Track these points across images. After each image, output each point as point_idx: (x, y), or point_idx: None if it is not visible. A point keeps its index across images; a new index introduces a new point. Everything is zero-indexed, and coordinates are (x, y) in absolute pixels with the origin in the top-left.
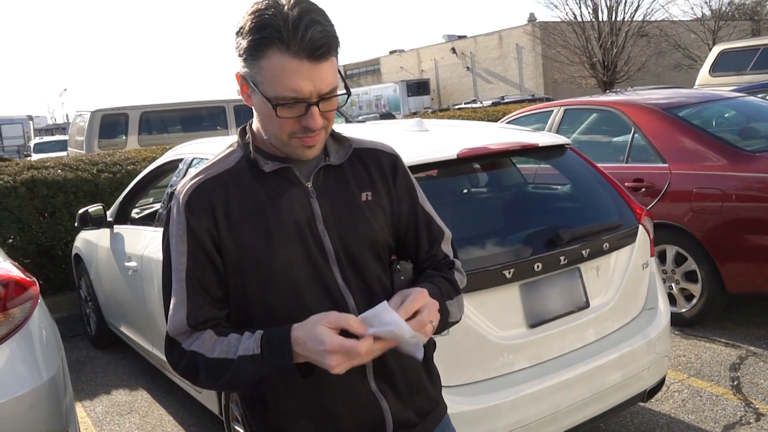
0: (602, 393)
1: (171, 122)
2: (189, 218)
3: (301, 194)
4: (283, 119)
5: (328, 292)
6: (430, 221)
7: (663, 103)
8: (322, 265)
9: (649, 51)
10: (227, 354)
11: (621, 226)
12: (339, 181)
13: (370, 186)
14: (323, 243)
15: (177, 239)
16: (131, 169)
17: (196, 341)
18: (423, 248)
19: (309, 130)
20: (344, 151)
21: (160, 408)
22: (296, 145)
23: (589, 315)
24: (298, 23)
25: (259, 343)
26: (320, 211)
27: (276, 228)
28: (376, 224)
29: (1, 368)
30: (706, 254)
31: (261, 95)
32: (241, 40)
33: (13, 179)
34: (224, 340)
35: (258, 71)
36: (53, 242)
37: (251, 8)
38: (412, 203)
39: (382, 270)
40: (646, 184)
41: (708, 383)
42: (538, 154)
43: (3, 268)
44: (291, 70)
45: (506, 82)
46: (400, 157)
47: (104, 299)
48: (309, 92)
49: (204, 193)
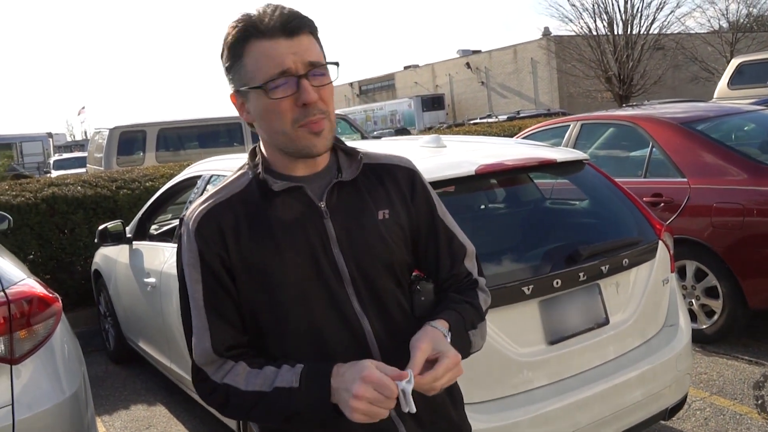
0: (622, 411)
1: (188, 139)
2: (200, 245)
3: (314, 215)
4: (279, 101)
5: (344, 317)
6: (452, 237)
7: (681, 117)
8: (337, 289)
9: (665, 64)
10: (262, 387)
11: (641, 241)
12: (354, 198)
13: (387, 203)
14: (337, 265)
15: (191, 268)
16: (149, 185)
17: (228, 374)
18: (444, 267)
19: (308, 108)
20: (355, 165)
21: (179, 423)
22: (304, 135)
23: (608, 332)
24: (267, 11)
25: (298, 377)
26: (334, 232)
27: (288, 251)
28: (393, 244)
29: (25, 383)
30: (727, 270)
31: (253, 91)
32: (225, 57)
33: (34, 196)
34: (259, 372)
35: (243, 70)
36: (73, 258)
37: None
38: (432, 219)
39: (401, 291)
40: (664, 198)
41: (731, 401)
42: (556, 169)
43: (26, 285)
44: (270, 49)
45: (521, 96)
46: (418, 170)
47: (123, 315)
48: (292, 63)
49: (213, 218)
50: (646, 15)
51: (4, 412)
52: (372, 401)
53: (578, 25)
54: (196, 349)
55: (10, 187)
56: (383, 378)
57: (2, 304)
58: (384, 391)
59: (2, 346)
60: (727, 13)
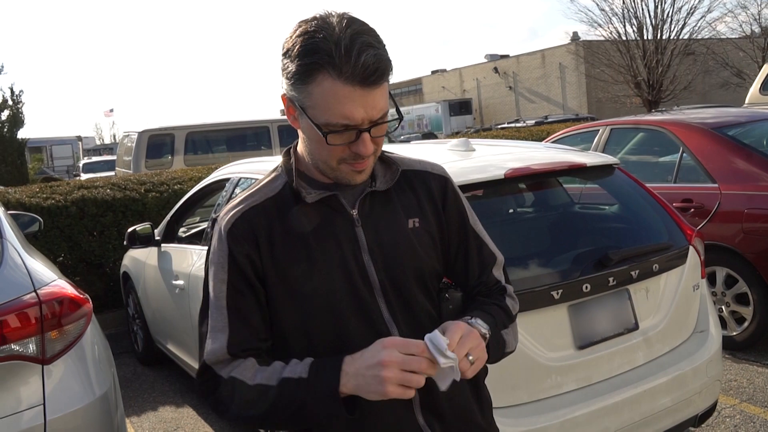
0: (652, 417)
1: (216, 142)
2: (231, 246)
3: (346, 223)
4: (333, 146)
5: (373, 325)
6: (481, 245)
7: (712, 122)
8: (367, 297)
9: (695, 69)
10: (269, 381)
11: (671, 247)
12: (385, 207)
13: (418, 211)
14: (368, 274)
15: (218, 267)
16: (177, 188)
17: (237, 368)
18: (473, 274)
19: (359, 156)
20: (391, 175)
21: (206, 425)
22: (346, 171)
23: (638, 337)
24: (351, 47)
25: (307, 367)
26: (365, 241)
27: (319, 258)
28: (423, 252)
29: (56, 384)
30: (758, 276)
31: (310, 120)
32: (288, 63)
33: (64, 198)
34: (267, 368)
35: (307, 96)
36: (102, 260)
37: (299, 29)
38: (463, 227)
39: (430, 300)
40: (695, 204)
41: (761, 409)
42: (585, 174)
43: (57, 285)
44: (343, 97)
45: (549, 101)
46: (451, 178)
47: (151, 317)
48: (361, 119)
49: (247, 221)
50: (676, 20)
51: (36, 411)
52: (402, 364)
53: (607, 30)
54: (209, 347)
55: (40, 189)
56: (406, 340)
57: (34, 305)
58: (411, 348)
59: (34, 347)
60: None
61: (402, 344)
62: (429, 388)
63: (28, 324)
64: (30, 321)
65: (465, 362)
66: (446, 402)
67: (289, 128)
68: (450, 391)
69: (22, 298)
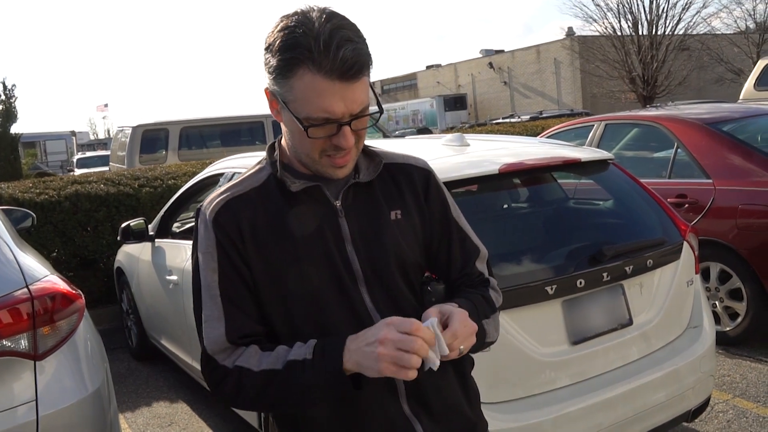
0: (645, 412)
1: (210, 137)
2: (218, 234)
3: (329, 213)
4: (314, 139)
5: (356, 315)
6: (464, 238)
7: (706, 118)
8: (350, 287)
9: (690, 65)
10: (275, 365)
11: (665, 242)
12: (368, 199)
13: (400, 204)
14: (351, 264)
15: (207, 256)
16: (172, 183)
17: (241, 357)
18: (456, 266)
19: (340, 148)
20: (374, 168)
21: (200, 420)
22: (326, 164)
23: (632, 332)
24: (330, 42)
25: (311, 349)
26: (348, 231)
27: (303, 248)
28: (405, 244)
29: (48, 380)
30: (751, 272)
31: (291, 114)
32: (270, 58)
33: (57, 194)
34: (271, 353)
35: (288, 90)
36: (96, 255)
37: (280, 24)
38: (445, 219)
39: (412, 292)
40: (689, 199)
41: (754, 404)
42: (580, 169)
43: (50, 281)
44: (323, 91)
45: (544, 96)
46: (433, 171)
47: (145, 312)
48: (341, 113)
49: (231, 209)
50: (671, 15)
51: (28, 407)
52: (397, 342)
53: (602, 25)
54: (209, 337)
55: (33, 184)
56: (403, 318)
57: (26, 300)
58: (405, 326)
59: (26, 342)
60: (754, 14)
61: (399, 322)
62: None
63: (20, 320)
64: (22, 317)
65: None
66: (433, 393)
67: None
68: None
69: (14, 294)
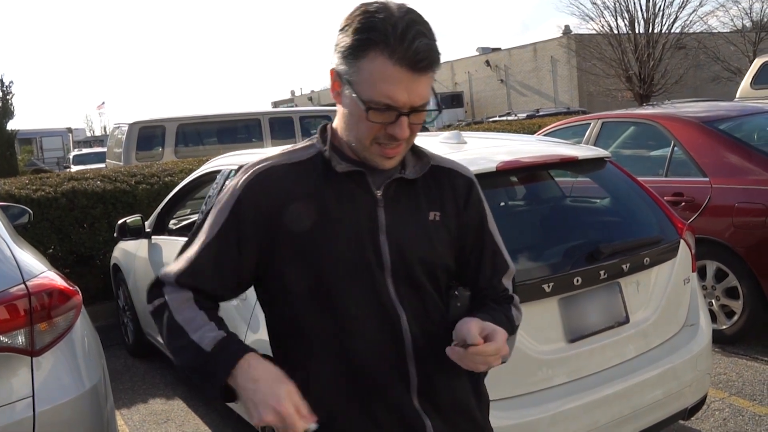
0: (642, 410)
1: (207, 134)
2: (242, 196)
3: (369, 201)
4: (371, 123)
5: (379, 303)
6: (496, 252)
7: (703, 116)
8: (377, 275)
9: (686, 63)
10: (187, 325)
11: (662, 240)
12: (409, 195)
13: (440, 206)
14: (381, 253)
15: (220, 210)
16: (168, 180)
17: (174, 293)
18: (484, 277)
19: (393, 139)
20: (421, 167)
21: (196, 417)
22: (376, 153)
23: (629, 330)
24: (407, 32)
25: (213, 344)
26: (384, 222)
27: (336, 227)
28: (438, 246)
29: (45, 376)
30: (748, 270)
31: (354, 95)
32: (344, 37)
33: (54, 190)
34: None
35: (356, 71)
36: (92, 252)
37: (360, 8)
38: (481, 230)
39: (437, 292)
40: (686, 198)
41: (750, 402)
42: (577, 167)
43: (47, 277)
44: (391, 77)
45: (541, 95)
46: (476, 181)
47: (142, 309)
48: (403, 102)
49: (269, 177)
50: (668, 14)
51: (25, 404)
52: (275, 427)
53: (599, 23)
54: (169, 267)
55: (30, 181)
56: (293, 417)
57: (23, 297)
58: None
59: (23, 339)
60: (750, 12)
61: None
62: (428, 376)
63: (17, 316)
64: (19, 313)
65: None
66: (445, 392)
67: (280, 121)
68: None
69: (11, 290)
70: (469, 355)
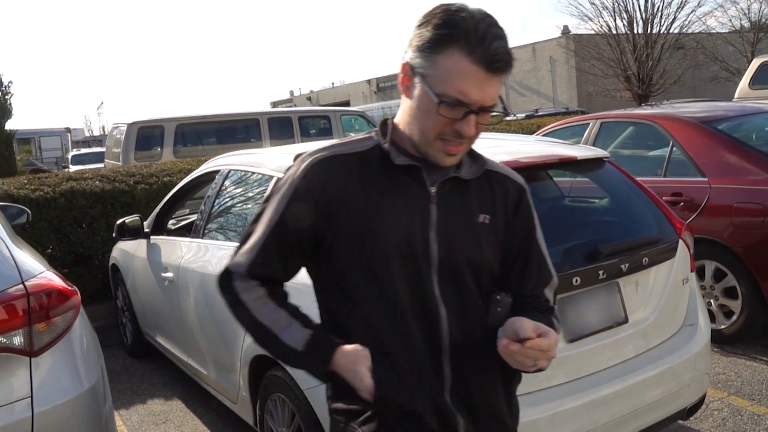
0: (641, 410)
1: (206, 134)
2: (301, 184)
3: (422, 197)
4: (440, 117)
5: (422, 299)
6: (542, 262)
7: (701, 116)
8: (423, 270)
9: (685, 64)
10: (271, 326)
11: (660, 240)
12: (462, 196)
13: (491, 210)
14: (429, 249)
15: (280, 197)
16: (167, 180)
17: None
18: (527, 286)
19: (458, 136)
20: (476, 169)
21: (195, 418)
22: (438, 149)
23: (627, 330)
24: (487, 33)
25: (304, 344)
26: (435, 218)
27: (388, 221)
28: (486, 248)
29: (44, 376)
30: (746, 270)
31: (427, 89)
32: (424, 32)
33: (52, 190)
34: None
35: (432, 65)
36: (91, 252)
37: (441, 6)
38: (529, 239)
39: (479, 294)
40: (684, 198)
41: (749, 402)
42: (576, 167)
43: (45, 277)
44: (466, 73)
45: (539, 95)
46: (528, 190)
47: (140, 309)
48: (474, 99)
49: (327, 166)
50: (666, 14)
51: (23, 404)
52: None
53: (598, 23)
54: (235, 259)
55: (28, 181)
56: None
57: (21, 297)
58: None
59: (21, 339)
60: (749, 13)
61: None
62: (462, 375)
63: (15, 316)
64: (17, 313)
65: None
66: (478, 392)
67: (279, 121)
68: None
69: (9, 290)
70: (522, 350)
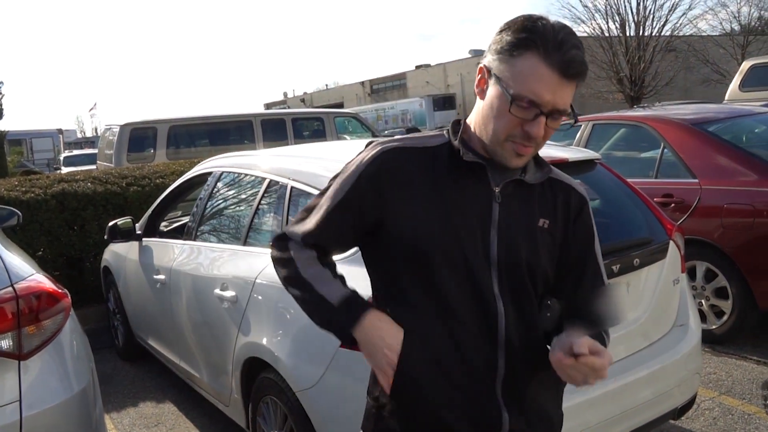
0: (632, 410)
1: (199, 136)
2: (369, 170)
3: (486, 195)
4: (512, 117)
5: (480, 295)
6: (597, 273)
7: (692, 118)
8: (482, 267)
9: (676, 66)
10: (314, 280)
11: (651, 241)
12: (525, 198)
13: (551, 215)
14: (490, 247)
15: (347, 177)
16: (159, 182)
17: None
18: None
19: (528, 137)
20: (541, 174)
21: (187, 421)
22: (508, 149)
23: (619, 331)
24: (564, 41)
25: (340, 299)
26: (497, 217)
27: (451, 216)
28: (542, 252)
29: (33, 380)
30: (737, 271)
31: (502, 89)
32: (505, 36)
33: (43, 192)
34: (320, 268)
35: (509, 67)
36: (82, 254)
37: (524, 15)
38: (586, 249)
39: (535, 294)
40: (675, 199)
41: (740, 401)
42: (567, 169)
43: (35, 280)
44: (541, 76)
45: None
46: (589, 202)
47: (132, 312)
48: (546, 101)
49: (398, 156)
50: (658, 17)
51: (12, 408)
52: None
53: (590, 26)
54: (294, 226)
55: (19, 182)
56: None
57: (11, 299)
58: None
59: (10, 342)
60: (738, 16)
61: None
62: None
63: (4, 319)
64: (6, 316)
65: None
66: (530, 393)
67: (273, 122)
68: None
69: None
70: (575, 365)
